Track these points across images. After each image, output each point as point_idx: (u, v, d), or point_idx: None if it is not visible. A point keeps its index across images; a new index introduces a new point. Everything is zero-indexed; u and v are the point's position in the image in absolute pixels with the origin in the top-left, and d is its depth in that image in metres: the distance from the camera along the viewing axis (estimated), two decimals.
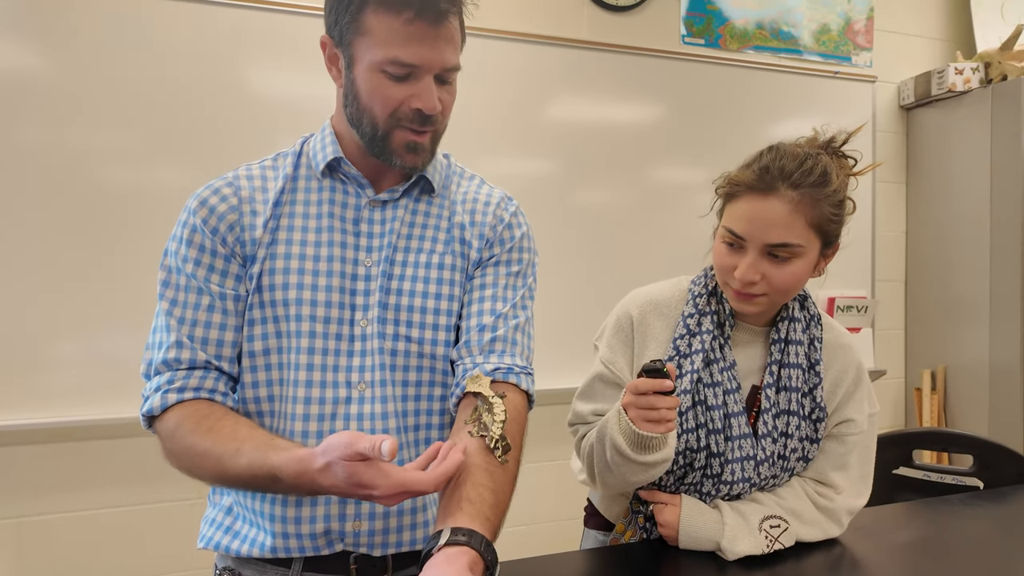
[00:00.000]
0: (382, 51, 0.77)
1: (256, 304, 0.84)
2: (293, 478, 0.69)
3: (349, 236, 0.86)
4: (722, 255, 0.94)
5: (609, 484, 0.95)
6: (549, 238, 2.10)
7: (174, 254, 0.85)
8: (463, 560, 0.62)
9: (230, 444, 0.74)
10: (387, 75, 0.78)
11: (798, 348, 0.98)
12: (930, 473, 1.40)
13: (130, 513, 1.78)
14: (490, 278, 0.89)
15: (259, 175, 0.88)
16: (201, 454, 0.75)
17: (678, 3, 2.32)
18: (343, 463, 0.66)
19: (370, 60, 0.78)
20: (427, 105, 0.79)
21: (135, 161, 1.73)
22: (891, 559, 1.00)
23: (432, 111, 0.80)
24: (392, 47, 0.76)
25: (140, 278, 1.72)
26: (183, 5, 1.76)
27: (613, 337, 1.04)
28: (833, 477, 0.99)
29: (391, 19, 0.76)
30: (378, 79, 0.79)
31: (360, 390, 0.84)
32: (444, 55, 0.79)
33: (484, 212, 0.92)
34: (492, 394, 0.78)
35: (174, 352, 0.82)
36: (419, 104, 0.79)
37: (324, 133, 0.90)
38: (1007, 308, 2.35)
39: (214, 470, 0.75)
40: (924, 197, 2.65)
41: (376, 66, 0.78)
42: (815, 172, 0.89)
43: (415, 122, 0.81)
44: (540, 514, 2.10)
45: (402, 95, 0.79)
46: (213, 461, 0.74)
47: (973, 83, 2.46)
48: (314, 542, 0.82)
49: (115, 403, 1.71)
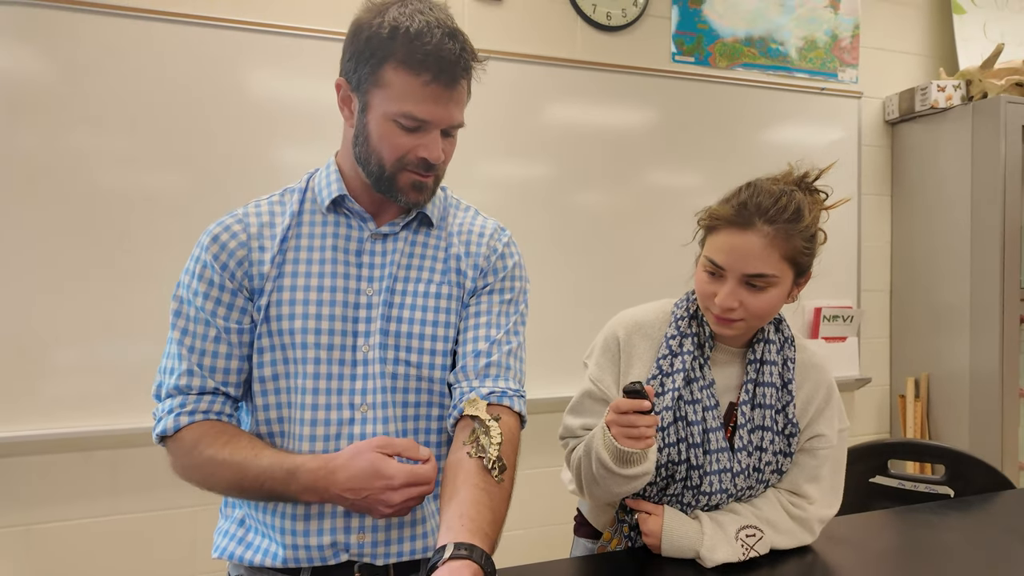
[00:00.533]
0: (397, 105, 0.84)
1: (265, 333, 0.90)
2: (311, 473, 0.79)
3: (352, 267, 0.93)
4: (703, 282, 1.02)
5: (596, 495, 1.02)
6: (542, 250, 2.17)
7: (186, 287, 0.91)
8: (466, 573, 0.68)
9: (249, 451, 0.83)
10: (399, 125, 0.86)
11: (772, 368, 1.05)
12: (904, 482, 1.47)
13: (135, 520, 1.84)
14: (484, 306, 0.95)
15: (267, 211, 0.95)
16: (220, 463, 0.83)
17: (669, 22, 2.39)
18: (373, 454, 0.77)
19: (384, 110, 0.85)
20: (432, 156, 0.87)
21: (137, 167, 1.79)
22: (861, 566, 1.06)
23: (436, 161, 0.88)
24: (407, 103, 0.84)
25: (144, 287, 1.78)
26: (184, 17, 1.82)
27: (601, 356, 1.11)
28: (806, 488, 1.06)
29: (410, 78, 0.83)
30: (390, 127, 0.86)
31: (363, 411, 0.90)
32: (452, 114, 0.87)
33: (479, 243, 0.98)
34: (488, 417, 0.85)
35: (185, 379, 0.89)
36: (425, 154, 0.87)
37: (329, 170, 0.96)
38: (986, 317, 2.43)
39: (232, 476, 0.83)
40: (908, 209, 2.72)
41: (390, 116, 0.85)
42: (789, 209, 0.96)
43: (420, 168, 0.88)
44: (532, 519, 2.17)
45: (410, 144, 0.87)
46: (233, 468, 0.82)
47: (955, 100, 2.53)
48: (321, 553, 0.88)
49: (120, 413, 1.76)
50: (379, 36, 0.83)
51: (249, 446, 0.85)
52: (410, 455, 0.82)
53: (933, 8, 2.82)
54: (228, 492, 0.88)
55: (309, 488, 0.81)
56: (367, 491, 0.78)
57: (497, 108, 2.10)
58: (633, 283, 2.25)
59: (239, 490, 0.85)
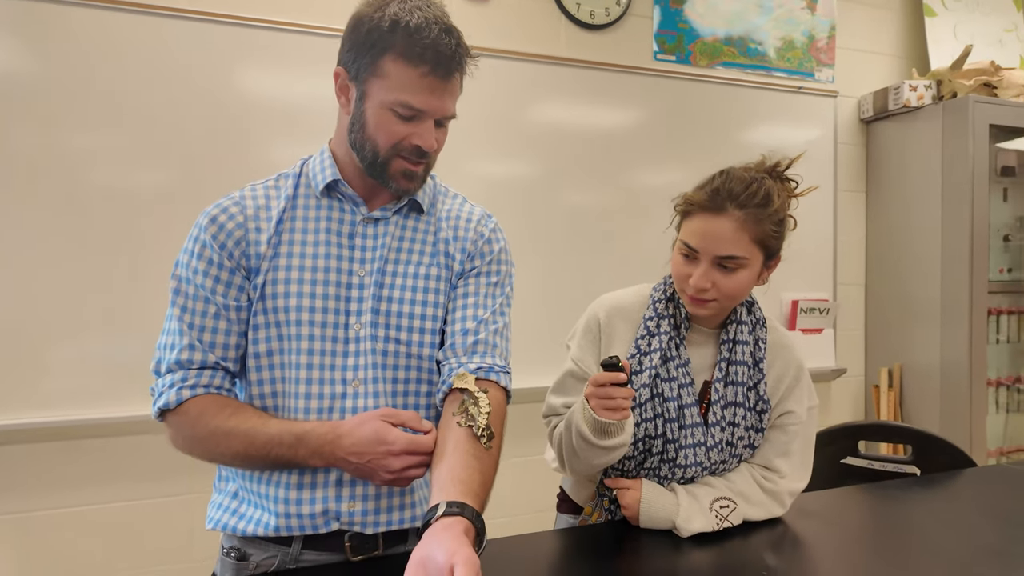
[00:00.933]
0: (395, 94, 0.89)
1: (260, 311, 0.94)
2: (320, 437, 0.84)
3: (344, 249, 0.97)
4: (679, 265, 1.07)
5: (576, 468, 1.07)
6: (526, 244, 2.21)
7: (185, 265, 0.95)
8: (458, 528, 0.73)
9: (256, 420, 0.88)
10: (395, 114, 0.90)
11: (744, 348, 1.10)
12: (873, 462, 1.54)
13: (130, 509, 1.86)
14: (472, 287, 1.00)
15: (263, 195, 0.99)
16: (227, 432, 0.87)
17: (651, 21, 2.45)
18: (378, 422, 0.83)
19: (382, 99, 0.90)
20: (426, 144, 0.92)
21: (131, 163, 1.81)
22: (830, 538, 1.12)
23: (430, 149, 0.93)
24: (404, 93, 0.89)
25: (138, 281, 1.80)
26: (180, 12, 1.85)
27: (582, 338, 1.16)
28: (777, 463, 1.12)
29: (408, 69, 0.88)
30: (386, 116, 0.90)
31: (355, 387, 0.94)
32: (446, 105, 0.92)
33: (466, 228, 1.03)
34: (477, 389, 0.90)
35: (187, 354, 0.92)
36: (419, 142, 0.92)
37: (323, 156, 1.00)
38: (956, 310, 2.52)
39: (240, 445, 0.87)
40: (882, 205, 2.80)
41: (387, 105, 0.90)
42: (759, 194, 1.01)
43: (413, 155, 0.93)
44: (517, 506, 2.21)
45: (405, 132, 0.91)
46: (240, 436, 0.87)
47: (926, 99, 2.62)
48: (313, 521, 0.92)
49: (113, 403, 1.79)
50: (380, 29, 0.88)
51: (256, 415, 0.90)
52: (413, 425, 0.87)
53: (906, 10, 2.91)
54: (232, 461, 0.91)
55: (316, 452, 0.85)
56: (369, 455, 0.83)
57: (482, 104, 2.15)
58: (615, 278, 2.31)
59: (244, 458, 0.89)
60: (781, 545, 1.06)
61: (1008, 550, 1.00)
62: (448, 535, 0.71)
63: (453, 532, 0.72)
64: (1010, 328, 2.74)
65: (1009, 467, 1.49)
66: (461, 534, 0.72)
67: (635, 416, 1.07)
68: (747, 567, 0.97)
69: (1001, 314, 2.71)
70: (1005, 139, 2.72)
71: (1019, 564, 0.95)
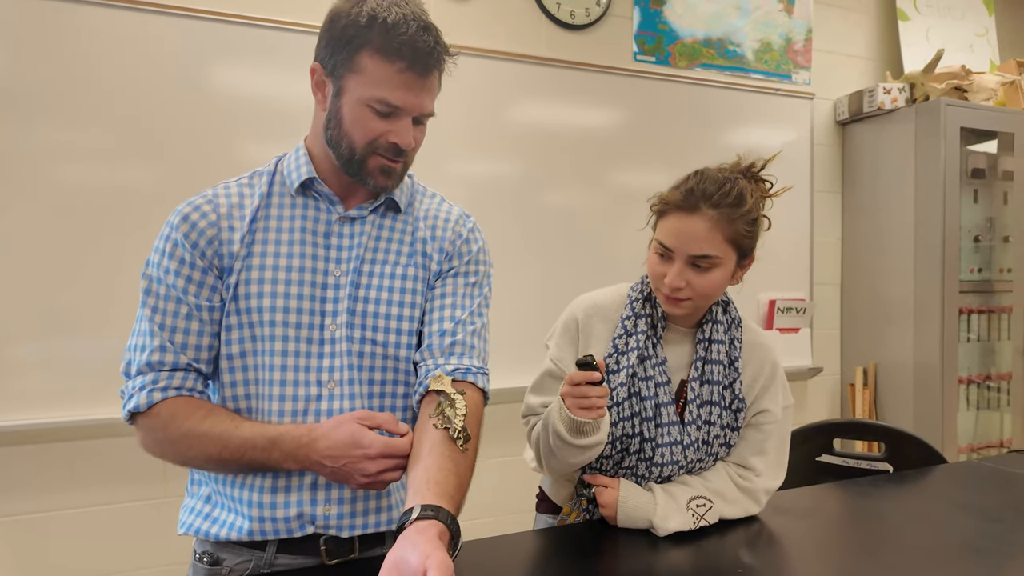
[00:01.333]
0: (372, 90, 0.88)
1: (233, 312, 0.92)
2: (294, 440, 0.83)
3: (320, 249, 0.95)
4: (654, 264, 1.08)
5: (553, 467, 1.07)
6: (505, 244, 2.21)
7: (156, 265, 0.93)
8: (433, 531, 0.72)
9: (230, 423, 0.86)
10: (372, 110, 0.89)
11: (720, 347, 1.11)
12: (847, 459, 1.56)
13: (97, 513, 1.82)
14: (449, 287, 0.99)
15: (236, 192, 0.97)
16: (199, 435, 0.85)
17: (630, 22, 2.46)
18: (354, 424, 0.81)
19: (359, 95, 0.88)
20: (403, 142, 0.91)
21: (101, 161, 1.77)
22: (805, 534, 1.13)
23: (407, 147, 0.92)
24: (382, 89, 0.88)
25: (106, 282, 1.76)
26: (152, 7, 1.81)
27: (561, 337, 1.17)
28: (752, 461, 1.13)
29: (385, 65, 0.87)
30: (363, 112, 0.89)
31: (330, 388, 0.93)
32: (424, 102, 0.91)
33: (444, 228, 1.02)
34: (454, 391, 0.89)
35: (158, 355, 0.90)
36: (396, 139, 0.90)
37: (298, 154, 0.99)
38: (929, 310, 2.56)
39: (212, 448, 0.85)
40: (857, 206, 2.85)
41: (364, 101, 0.88)
42: (732, 194, 1.02)
43: (390, 152, 0.92)
44: (496, 507, 2.21)
45: (382, 129, 0.90)
46: (213, 440, 0.85)
47: (900, 102, 2.66)
48: (288, 525, 0.91)
49: (83, 406, 1.75)
50: (357, 24, 0.86)
51: (228, 418, 0.88)
52: (389, 428, 0.86)
53: (880, 14, 2.95)
54: (205, 465, 0.89)
55: (291, 455, 0.83)
56: (345, 459, 0.81)
57: (461, 103, 2.14)
58: (595, 277, 2.30)
59: (217, 462, 0.87)
60: (757, 544, 1.06)
61: (981, 546, 1.01)
62: (422, 538, 0.70)
63: (427, 535, 0.71)
64: (980, 327, 2.80)
65: (979, 463, 1.52)
66: (435, 537, 0.71)
67: (612, 415, 1.07)
68: (724, 566, 0.98)
69: (972, 313, 2.77)
70: (975, 142, 2.78)
71: (992, 560, 0.96)
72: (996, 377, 2.84)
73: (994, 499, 1.25)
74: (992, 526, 1.10)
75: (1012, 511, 1.17)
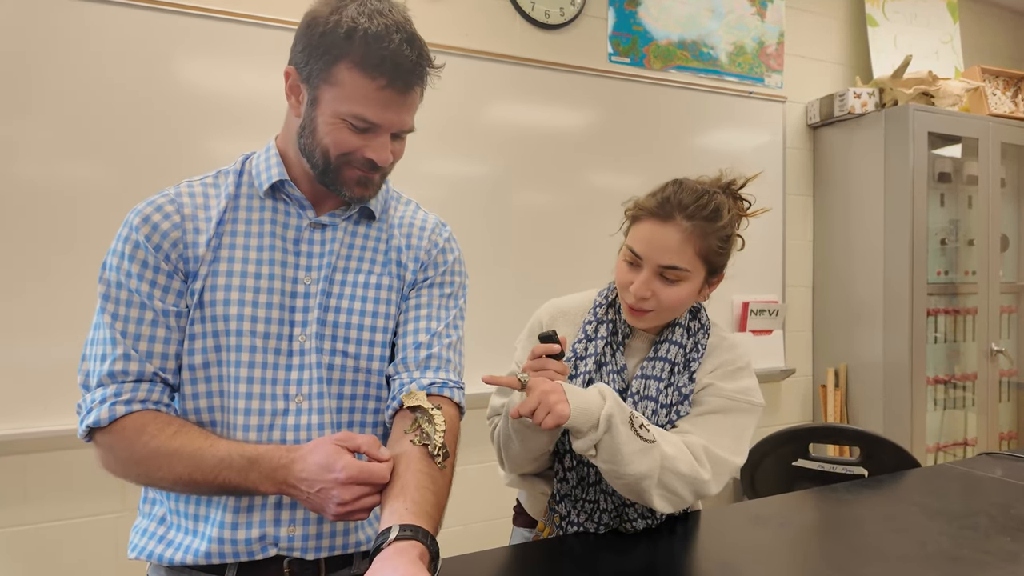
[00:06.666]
0: (348, 105, 0.82)
1: (197, 319, 0.87)
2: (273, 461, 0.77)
3: (290, 256, 0.91)
4: (622, 272, 1.05)
5: (512, 456, 1.04)
6: (479, 245, 2.17)
7: (116, 268, 0.86)
8: (412, 552, 0.68)
9: (203, 441, 0.80)
10: (348, 124, 0.84)
11: (673, 347, 1.07)
12: (823, 464, 1.56)
13: (49, 530, 1.73)
14: (424, 299, 0.95)
15: (200, 192, 0.91)
16: (169, 453, 0.79)
17: (605, 23, 2.44)
18: (331, 447, 0.75)
19: (335, 109, 0.83)
20: (380, 158, 0.86)
21: (58, 158, 1.69)
22: (782, 542, 1.12)
23: (384, 163, 0.87)
24: (359, 105, 0.82)
25: (60, 286, 1.68)
26: (115, 1, 1.73)
27: (526, 340, 1.16)
28: (685, 424, 1.03)
29: (364, 81, 0.81)
30: (339, 126, 0.84)
31: (298, 402, 0.88)
32: (404, 119, 0.87)
33: (420, 236, 0.98)
34: (431, 406, 0.85)
35: (121, 364, 0.83)
36: (373, 155, 0.86)
37: (269, 154, 0.93)
38: (898, 311, 2.60)
39: (184, 469, 0.79)
40: (828, 209, 2.88)
41: (340, 115, 0.83)
42: (708, 207, 1.00)
43: (365, 167, 0.87)
44: (471, 515, 2.17)
45: (358, 144, 0.85)
46: (185, 459, 0.79)
47: (869, 106, 2.70)
48: (248, 547, 0.86)
49: (32, 418, 1.66)
50: (335, 33, 0.81)
51: (201, 436, 0.81)
52: (370, 453, 0.79)
53: (850, 20, 2.99)
54: (174, 486, 0.83)
55: (269, 476, 0.78)
56: (320, 484, 0.75)
57: (433, 102, 2.08)
58: (570, 280, 2.29)
59: (187, 483, 0.80)
60: (737, 554, 1.05)
61: (959, 554, 1.01)
62: (402, 560, 0.66)
63: (408, 557, 0.67)
64: (946, 328, 2.86)
65: (951, 467, 1.53)
66: (416, 559, 0.67)
67: None
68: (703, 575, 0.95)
69: (938, 314, 2.82)
70: (941, 146, 2.83)
71: (969, 568, 0.96)
72: (961, 377, 2.90)
73: (967, 505, 1.26)
74: (967, 533, 1.10)
75: (986, 517, 1.17)
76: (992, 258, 2.82)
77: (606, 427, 0.91)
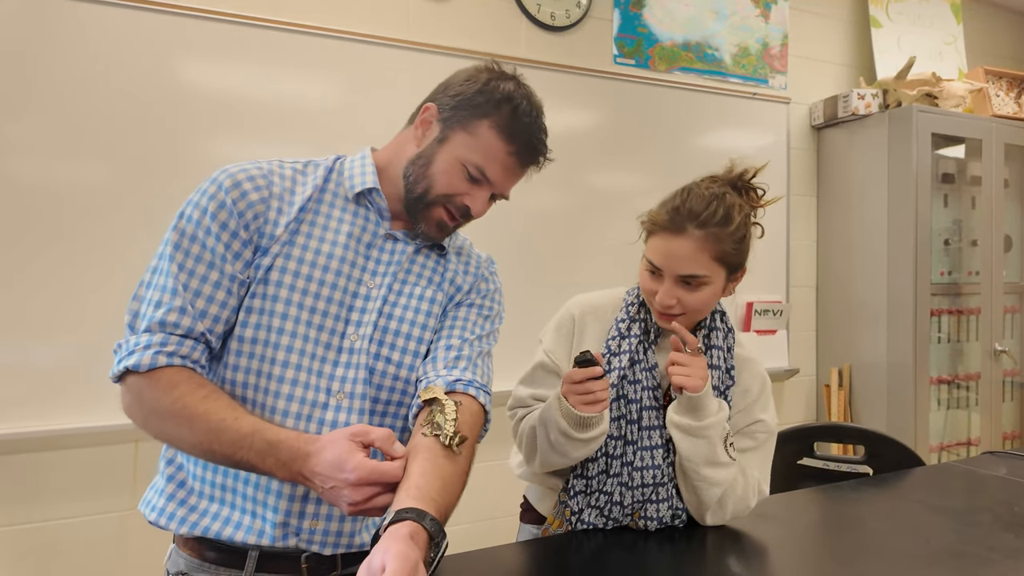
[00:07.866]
0: (475, 156, 0.93)
1: (259, 295, 0.88)
2: (291, 451, 0.78)
3: (360, 258, 0.94)
4: (646, 280, 1.09)
5: (552, 462, 1.06)
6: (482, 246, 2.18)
7: (196, 222, 0.87)
8: (404, 531, 0.68)
9: (229, 412, 0.80)
10: (465, 172, 0.94)
11: (719, 352, 1.11)
12: (828, 463, 1.57)
13: (57, 528, 1.74)
14: (462, 313, 1.01)
15: (290, 176, 0.95)
16: (194, 416, 0.79)
17: (610, 24, 2.46)
18: (346, 442, 0.76)
19: (461, 154, 0.93)
20: (476, 209, 0.96)
21: (58, 158, 1.70)
22: (788, 540, 1.13)
23: (476, 215, 0.97)
24: (484, 159, 0.93)
25: (61, 286, 1.68)
26: (115, 3, 1.75)
27: (555, 332, 1.18)
28: (744, 460, 1.11)
29: (498, 142, 0.93)
30: (456, 169, 0.94)
31: (339, 399, 0.90)
32: (508, 185, 0.99)
33: (468, 263, 1.06)
34: (445, 398, 0.86)
35: (175, 316, 0.84)
36: (471, 204, 0.95)
37: (365, 161, 0.98)
38: (901, 311, 2.61)
39: (203, 433, 0.79)
40: (832, 210, 2.89)
41: (463, 160, 0.93)
42: (718, 214, 1.02)
43: (459, 212, 0.96)
44: (479, 512, 2.18)
45: (464, 190, 0.95)
46: (207, 425, 0.79)
47: (873, 108, 2.71)
48: (272, 530, 0.87)
49: (34, 416, 1.65)
50: (492, 96, 0.93)
51: (229, 407, 0.81)
52: (384, 448, 0.79)
53: (854, 21, 3.00)
54: (191, 449, 0.83)
55: (285, 465, 0.78)
56: (332, 482, 0.75)
57: None
58: (576, 282, 2.30)
59: (206, 451, 0.80)
60: (744, 551, 1.06)
61: (963, 551, 1.02)
62: (390, 539, 0.67)
63: (396, 535, 0.67)
64: (949, 328, 2.87)
65: (955, 465, 1.54)
66: (405, 536, 0.67)
67: None
68: (711, 574, 0.97)
69: (942, 315, 2.83)
70: (945, 147, 2.84)
71: (973, 565, 0.97)
72: (964, 377, 2.90)
73: (971, 502, 1.27)
74: (971, 530, 1.11)
75: (990, 514, 1.19)
76: (995, 258, 2.83)
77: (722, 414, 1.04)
